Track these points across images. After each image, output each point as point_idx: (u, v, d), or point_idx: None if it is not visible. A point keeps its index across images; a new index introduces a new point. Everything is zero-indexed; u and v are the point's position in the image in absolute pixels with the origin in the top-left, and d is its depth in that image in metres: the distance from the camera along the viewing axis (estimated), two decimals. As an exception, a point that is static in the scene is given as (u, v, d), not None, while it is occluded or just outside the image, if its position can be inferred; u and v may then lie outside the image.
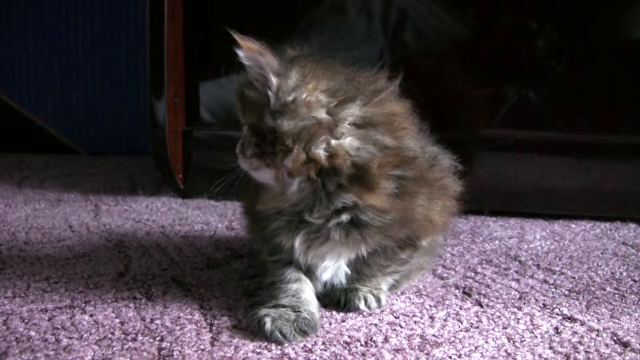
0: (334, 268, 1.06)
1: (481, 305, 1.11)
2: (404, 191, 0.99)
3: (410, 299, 1.15)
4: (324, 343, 0.95)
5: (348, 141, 0.95)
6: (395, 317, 1.06)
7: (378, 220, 0.99)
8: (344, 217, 0.99)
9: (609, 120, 1.79)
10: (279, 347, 0.93)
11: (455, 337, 0.97)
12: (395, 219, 1.00)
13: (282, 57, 0.98)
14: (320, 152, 0.95)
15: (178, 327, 1.00)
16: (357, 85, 0.98)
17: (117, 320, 1.03)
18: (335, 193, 0.97)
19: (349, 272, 1.08)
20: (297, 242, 1.02)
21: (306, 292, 1.04)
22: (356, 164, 0.96)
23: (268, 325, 0.96)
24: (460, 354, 0.91)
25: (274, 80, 0.94)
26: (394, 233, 1.02)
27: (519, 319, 1.05)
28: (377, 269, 1.08)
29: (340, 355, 0.91)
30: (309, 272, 1.06)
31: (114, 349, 0.92)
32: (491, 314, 1.07)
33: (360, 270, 1.07)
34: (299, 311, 0.99)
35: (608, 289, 1.22)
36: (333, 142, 0.95)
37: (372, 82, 1.01)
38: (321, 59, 1.00)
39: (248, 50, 0.96)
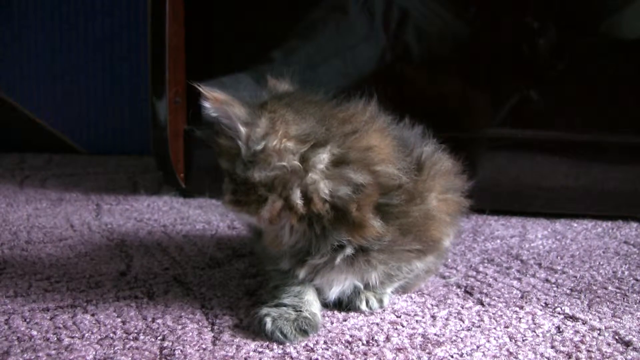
0: (344, 290, 1.06)
1: (483, 304, 1.11)
2: (394, 216, 0.98)
3: (411, 298, 1.15)
4: (325, 342, 0.95)
5: (321, 185, 0.93)
6: (397, 317, 1.06)
7: (377, 244, 0.98)
8: (349, 251, 0.98)
9: (610, 119, 1.79)
10: (281, 346, 0.93)
11: (457, 336, 0.97)
12: (393, 238, 0.98)
13: (251, 103, 0.96)
14: (296, 200, 0.93)
15: (180, 327, 1.00)
16: (329, 128, 0.95)
17: (119, 320, 1.03)
18: (327, 233, 0.97)
19: (360, 285, 1.07)
20: (302, 274, 1.02)
21: (309, 294, 1.03)
22: (335, 206, 0.94)
23: (269, 325, 0.96)
24: (462, 353, 0.91)
25: (242, 130, 0.93)
26: (400, 248, 1.00)
27: (520, 318, 1.05)
28: (387, 278, 1.06)
29: (342, 355, 0.91)
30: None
31: (116, 348, 0.92)
32: (493, 313, 1.07)
33: (365, 283, 1.06)
34: (300, 311, 0.99)
35: (610, 287, 1.21)
36: (308, 187, 0.93)
37: (347, 122, 0.97)
38: (293, 101, 0.98)
39: (214, 102, 0.94)
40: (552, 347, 0.94)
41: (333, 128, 0.95)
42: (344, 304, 1.08)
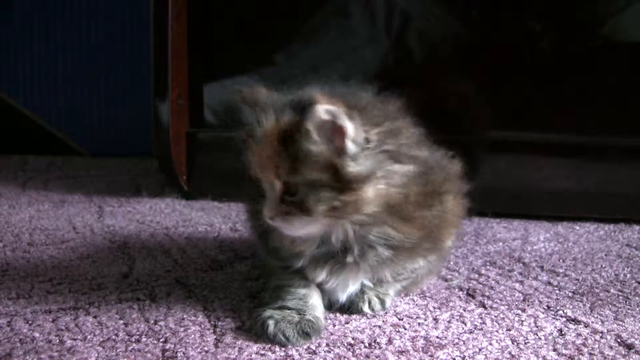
0: (354, 289, 1.06)
1: (485, 307, 1.11)
2: (425, 210, 0.98)
3: (414, 300, 1.15)
4: (327, 345, 0.95)
5: (399, 167, 0.94)
6: (399, 319, 1.06)
7: (407, 241, 0.97)
8: (383, 250, 0.97)
9: (613, 121, 1.79)
10: (283, 348, 0.93)
11: (459, 338, 0.97)
12: (420, 235, 0.98)
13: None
14: (388, 188, 0.93)
15: (182, 329, 1.00)
16: (386, 112, 0.96)
17: (121, 322, 1.03)
18: (368, 230, 0.96)
19: (369, 284, 1.07)
20: (322, 276, 1.01)
21: (314, 298, 1.03)
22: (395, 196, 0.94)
23: (271, 327, 0.96)
24: (464, 356, 0.91)
25: (350, 126, 0.89)
26: (419, 247, 1.01)
27: (522, 321, 1.05)
28: (391, 275, 1.06)
29: (344, 357, 0.91)
30: (320, 286, 1.05)
31: (118, 350, 0.92)
32: (495, 316, 1.07)
33: (377, 279, 1.06)
34: (303, 314, 0.98)
35: (612, 290, 1.21)
36: (395, 170, 0.93)
37: (389, 105, 0.99)
38: (345, 94, 0.97)
39: (327, 104, 0.89)
40: (554, 350, 0.93)
41: (389, 112, 0.97)
42: (346, 306, 1.08)
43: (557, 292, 1.20)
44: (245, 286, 1.22)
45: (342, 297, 1.06)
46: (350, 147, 0.90)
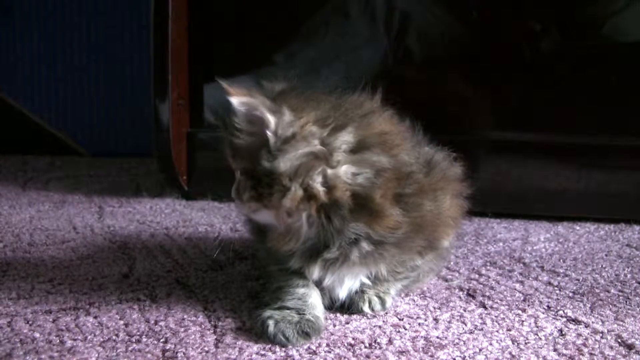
0: (352, 287, 1.06)
1: (485, 307, 1.11)
2: (407, 208, 0.98)
3: (414, 300, 1.15)
4: (328, 345, 0.95)
5: (344, 169, 0.93)
6: (400, 319, 1.06)
7: (391, 236, 0.98)
8: (365, 245, 0.98)
9: (613, 122, 1.79)
10: (283, 349, 0.93)
11: (459, 339, 0.97)
12: (407, 231, 0.98)
13: (267, 94, 0.96)
14: (317, 187, 0.93)
15: (182, 329, 1.00)
16: (345, 112, 0.96)
17: (122, 322, 1.03)
18: (344, 225, 0.95)
19: (368, 282, 1.07)
20: (316, 273, 1.01)
21: (313, 297, 1.03)
22: (357, 194, 0.94)
23: (271, 328, 0.96)
24: (465, 356, 0.91)
25: (271, 119, 0.91)
26: (410, 244, 1.01)
27: (523, 321, 1.05)
28: (391, 274, 1.06)
29: (345, 357, 0.91)
30: (319, 285, 1.05)
31: (118, 350, 0.92)
32: (495, 316, 1.07)
33: (374, 276, 1.06)
34: (303, 314, 0.98)
35: (612, 290, 1.21)
36: (329, 172, 0.93)
37: (359, 106, 0.99)
38: (303, 91, 0.99)
39: (240, 95, 0.93)
40: (555, 350, 0.93)
41: (349, 112, 0.96)
42: (346, 305, 1.08)
43: (558, 292, 1.20)
44: (245, 286, 1.22)
45: (342, 294, 1.06)
46: (272, 139, 0.92)
